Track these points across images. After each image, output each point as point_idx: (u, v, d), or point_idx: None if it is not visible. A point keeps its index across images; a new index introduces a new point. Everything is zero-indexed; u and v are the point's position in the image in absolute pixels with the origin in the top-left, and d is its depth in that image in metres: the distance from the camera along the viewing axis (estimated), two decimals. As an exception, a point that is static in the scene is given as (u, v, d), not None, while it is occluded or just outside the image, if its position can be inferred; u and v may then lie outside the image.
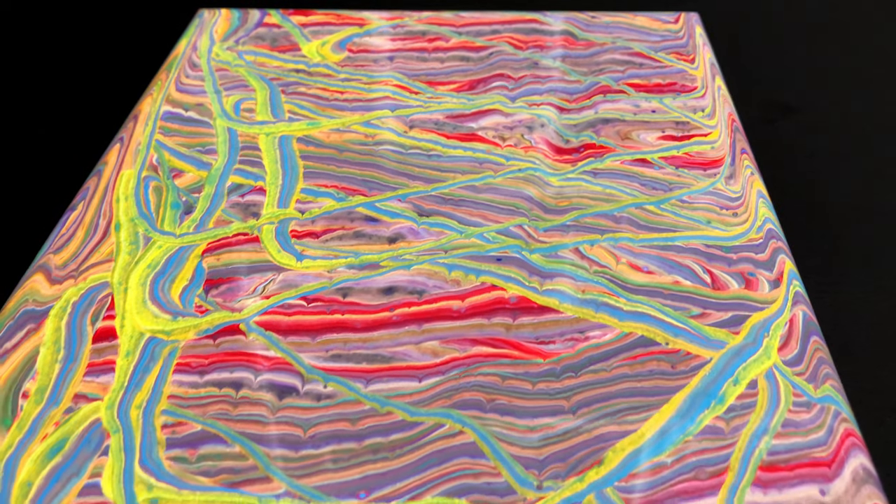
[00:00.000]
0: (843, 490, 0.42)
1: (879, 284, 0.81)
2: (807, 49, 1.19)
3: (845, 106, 1.06)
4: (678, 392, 0.47)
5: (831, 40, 1.21)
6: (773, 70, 1.10)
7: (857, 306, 0.79)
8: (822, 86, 1.11)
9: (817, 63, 1.15)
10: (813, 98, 1.05)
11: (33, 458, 0.44)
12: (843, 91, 1.09)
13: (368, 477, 0.43)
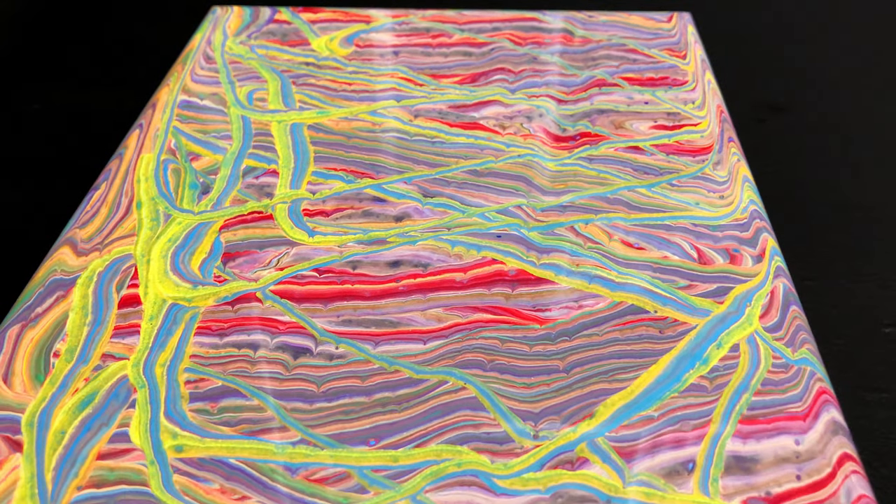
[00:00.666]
0: (816, 440, 0.45)
1: (859, 273, 0.84)
2: (797, 52, 1.23)
3: (833, 106, 1.10)
4: (665, 354, 0.50)
5: (820, 43, 1.25)
6: (764, 71, 1.14)
7: (837, 294, 0.82)
8: (811, 86, 1.15)
9: (806, 65, 1.19)
10: (802, 98, 1.09)
11: (65, 410, 0.48)
12: (830, 91, 1.13)
13: (378, 427, 0.46)
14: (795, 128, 1.06)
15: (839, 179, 0.98)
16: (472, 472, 0.44)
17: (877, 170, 1.00)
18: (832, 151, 1.03)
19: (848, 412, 0.71)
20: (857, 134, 1.05)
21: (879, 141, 1.05)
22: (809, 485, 0.43)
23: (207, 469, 0.44)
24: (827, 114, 1.08)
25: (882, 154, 1.03)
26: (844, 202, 0.94)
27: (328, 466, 0.44)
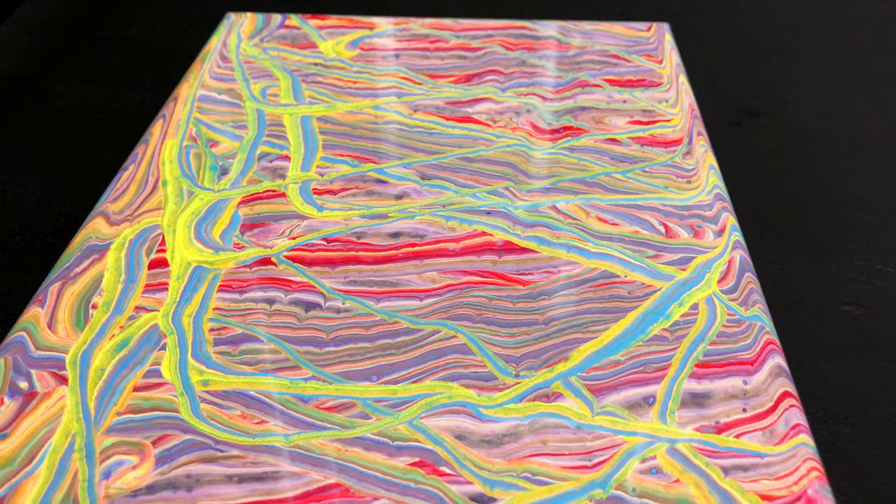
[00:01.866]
0: (761, 381, 0.52)
1: (822, 259, 0.91)
2: (771, 61, 1.31)
3: (804, 111, 1.18)
4: (633, 311, 0.57)
5: (794, 54, 1.32)
6: (741, 79, 1.21)
7: (802, 277, 0.89)
8: (784, 93, 1.23)
9: (780, 74, 1.26)
10: (776, 104, 1.16)
11: (104, 352, 0.54)
12: (802, 98, 1.21)
13: (379, 367, 0.53)
14: (769, 130, 1.14)
15: (807, 177, 1.05)
16: (461, 402, 0.51)
17: (841, 169, 1.07)
18: (802, 152, 1.10)
19: (807, 376, 0.78)
20: (824, 136, 1.13)
21: (844, 142, 1.13)
22: (753, 416, 0.50)
23: (230, 399, 0.51)
24: (798, 117, 1.16)
25: (846, 154, 1.10)
26: (811, 197, 1.01)
27: (336, 398, 0.51)
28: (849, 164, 1.06)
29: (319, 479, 0.46)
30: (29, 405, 0.51)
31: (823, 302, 0.84)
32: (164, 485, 0.46)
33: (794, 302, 0.84)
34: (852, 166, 1.06)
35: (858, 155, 1.09)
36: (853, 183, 1.04)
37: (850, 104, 1.20)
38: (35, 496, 0.46)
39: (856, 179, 1.04)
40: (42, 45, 1.30)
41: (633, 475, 0.47)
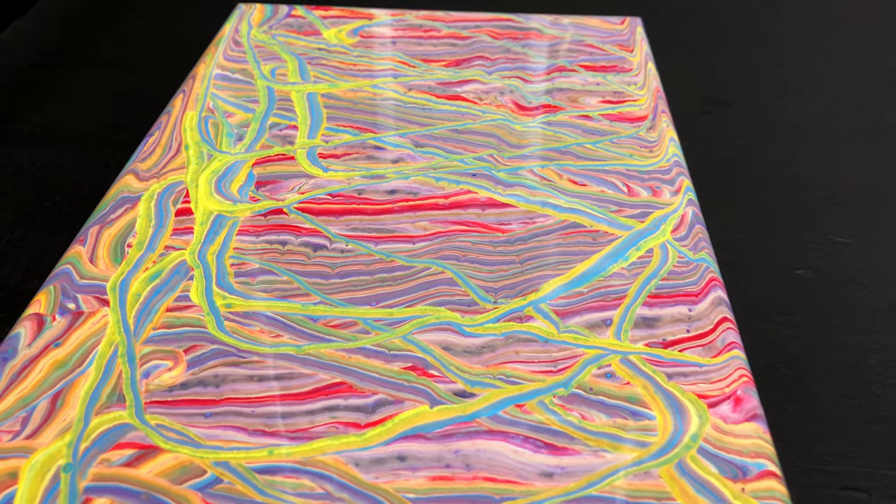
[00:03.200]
0: (704, 309, 0.61)
1: (779, 230, 1.01)
2: (739, 55, 1.41)
3: (769, 102, 1.27)
4: (596, 253, 0.66)
5: (760, 49, 1.42)
6: (711, 71, 1.31)
7: (760, 246, 0.99)
8: (751, 85, 1.33)
9: (747, 67, 1.36)
10: (742, 95, 1.26)
11: (139, 281, 0.63)
12: (767, 90, 1.30)
13: (378, 294, 0.62)
14: (736, 119, 1.23)
15: (770, 160, 1.14)
16: (448, 322, 0.59)
17: (802, 154, 1.17)
18: (766, 138, 1.20)
19: (761, 329, 0.87)
20: (788, 124, 1.22)
21: (807, 130, 1.22)
22: (695, 335, 0.59)
23: (250, 318, 0.60)
24: (764, 108, 1.25)
25: (808, 141, 1.20)
26: (773, 177, 1.10)
27: (341, 318, 0.60)
28: (810, 150, 1.16)
29: (327, 378, 0.55)
30: (77, 322, 0.59)
31: (779, 267, 0.93)
32: (195, 383, 0.55)
33: (753, 267, 0.94)
34: (813, 152, 1.16)
35: (819, 142, 1.19)
36: (813, 166, 1.13)
37: (815, 97, 1.30)
38: (87, 390, 0.54)
39: (815, 163, 1.14)
40: (60, 36, 1.39)
41: (591, 378, 0.55)
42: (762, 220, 1.00)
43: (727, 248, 0.91)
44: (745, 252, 0.95)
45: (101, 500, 0.48)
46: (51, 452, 0.50)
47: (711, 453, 0.51)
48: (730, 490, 0.49)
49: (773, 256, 0.94)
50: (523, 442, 0.51)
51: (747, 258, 0.94)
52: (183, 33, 1.41)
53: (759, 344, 0.81)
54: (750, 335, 0.82)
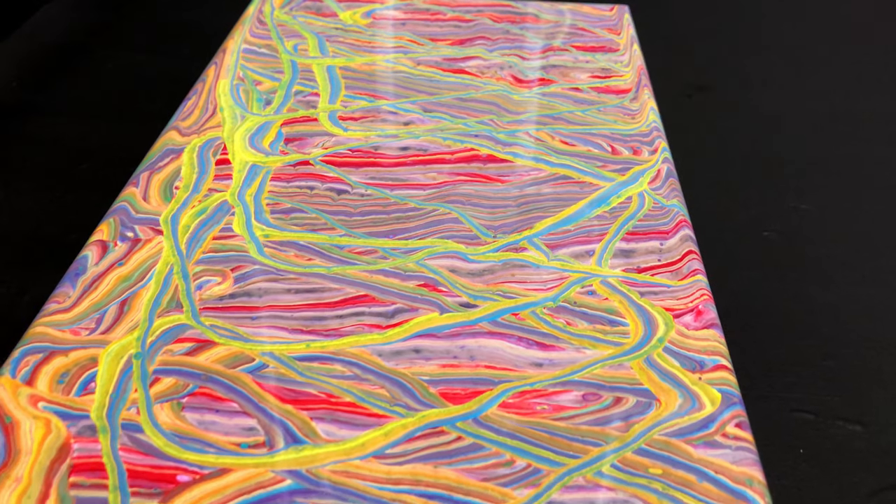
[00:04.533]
0: (674, 243, 0.71)
1: (750, 199, 1.11)
2: (719, 43, 1.51)
3: (746, 86, 1.38)
4: (582, 199, 0.76)
5: (740, 37, 1.53)
6: (693, 58, 1.42)
7: (732, 210, 1.09)
8: (729, 71, 1.43)
9: (726, 54, 1.47)
10: (721, 80, 1.37)
11: (187, 216, 0.73)
12: (745, 77, 1.41)
13: (395, 229, 0.72)
14: (714, 102, 1.34)
15: (743, 139, 1.25)
16: (454, 251, 0.69)
17: (774, 133, 1.27)
18: (741, 120, 1.30)
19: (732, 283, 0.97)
20: (763, 108, 1.33)
21: (780, 113, 1.33)
22: (665, 264, 0.69)
23: (286, 246, 0.69)
24: (741, 93, 1.36)
25: (780, 123, 1.30)
26: (745, 153, 1.21)
27: (363, 247, 0.70)
28: (781, 130, 1.26)
29: (353, 292, 0.65)
30: (136, 247, 0.69)
31: (749, 229, 1.04)
32: (241, 294, 0.65)
33: (725, 229, 1.04)
34: (784, 132, 1.26)
35: (791, 123, 1.29)
36: (783, 144, 1.24)
37: (790, 83, 1.40)
38: (149, 298, 0.64)
39: (786, 141, 1.24)
40: (88, 19, 1.49)
41: (576, 295, 0.66)
42: (734, 190, 1.10)
43: (703, 214, 1.01)
44: (717, 215, 1.05)
45: (166, 381, 0.58)
46: (123, 344, 0.60)
47: (675, 351, 0.61)
48: (689, 378, 0.59)
49: (744, 220, 1.04)
50: (518, 341, 0.61)
51: (719, 221, 1.04)
52: (205, 18, 1.51)
53: (726, 293, 0.91)
54: (719, 285, 0.92)
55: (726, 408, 0.57)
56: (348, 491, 0.51)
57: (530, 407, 0.56)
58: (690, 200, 0.78)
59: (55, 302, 0.64)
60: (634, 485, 0.52)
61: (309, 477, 0.51)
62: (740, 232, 1.03)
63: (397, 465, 0.52)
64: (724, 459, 0.53)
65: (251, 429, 0.54)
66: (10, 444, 0.53)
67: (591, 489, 0.51)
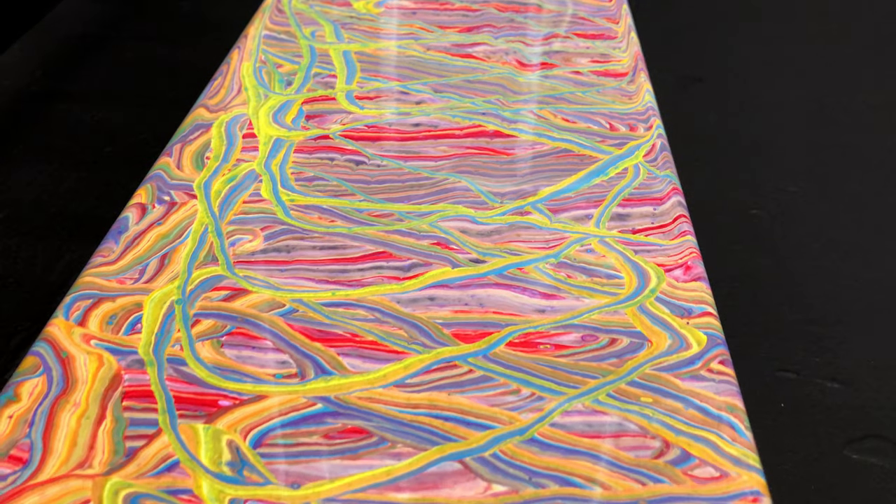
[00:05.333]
0: (666, 209, 0.77)
1: (737, 181, 1.18)
2: (714, 37, 1.58)
3: (739, 80, 1.44)
4: (582, 170, 0.82)
5: (733, 32, 1.59)
6: (688, 51, 1.48)
7: (723, 190, 1.15)
8: (722, 64, 1.49)
9: (720, 48, 1.53)
10: (715, 72, 1.43)
11: (219, 182, 0.79)
12: (738, 70, 1.47)
13: (409, 195, 0.78)
14: (708, 93, 1.40)
15: (734, 126, 1.31)
16: (463, 214, 0.76)
17: (761, 122, 1.33)
18: (732, 109, 1.36)
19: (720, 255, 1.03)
20: (752, 99, 1.39)
21: (767, 105, 1.39)
22: (658, 226, 0.75)
23: (310, 210, 0.76)
24: (733, 85, 1.42)
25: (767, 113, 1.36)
26: (735, 139, 1.27)
27: (381, 210, 0.76)
28: (766, 117, 1.33)
29: (373, 248, 0.71)
30: (172, 209, 0.75)
31: (738, 207, 1.10)
32: (271, 250, 0.71)
33: (715, 208, 1.11)
34: (771, 120, 1.32)
35: (780, 112, 1.35)
36: (771, 131, 1.31)
37: (780, 75, 1.47)
38: (187, 253, 0.70)
39: (773, 129, 1.31)
40: (107, 12, 1.55)
41: (575, 252, 0.72)
42: (725, 173, 1.17)
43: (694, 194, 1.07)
44: (708, 196, 1.12)
45: (206, 323, 0.64)
46: (165, 292, 0.66)
47: (666, 301, 0.67)
48: (677, 323, 0.65)
49: (733, 199, 1.11)
50: (522, 291, 0.68)
51: (710, 201, 1.10)
52: (219, 11, 1.57)
53: (716, 265, 0.97)
54: (711, 257, 0.98)
55: (711, 347, 0.63)
56: (373, 413, 0.57)
57: (534, 346, 0.63)
58: (683, 182, 0.84)
59: (100, 256, 0.70)
60: (628, 410, 0.58)
61: (337, 402, 0.58)
62: (730, 210, 1.09)
63: (415, 392, 0.58)
64: (707, 390, 0.59)
65: (284, 362, 0.61)
66: (67, 375, 0.59)
67: (589, 413, 0.57)
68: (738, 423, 0.57)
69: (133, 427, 0.56)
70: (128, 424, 0.56)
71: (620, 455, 0.55)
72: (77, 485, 0.52)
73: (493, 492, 0.52)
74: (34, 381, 0.59)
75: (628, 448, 0.55)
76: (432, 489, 0.52)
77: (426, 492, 0.52)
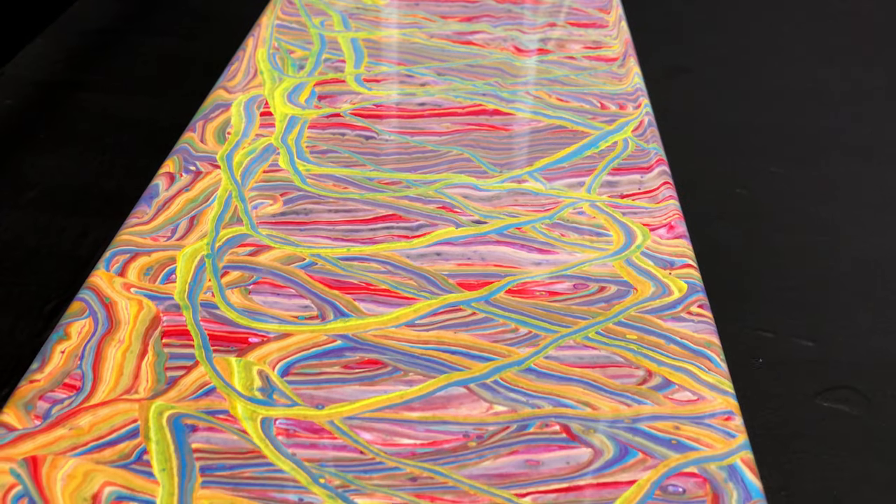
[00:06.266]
0: (652, 177, 0.84)
1: (724, 159, 1.24)
2: (700, 29, 1.65)
3: (722, 70, 1.51)
4: (574, 143, 0.89)
5: (719, 25, 1.67)
6: (675, 43, 1.55)
7: (708, 171, 1.22)
8: (709, 54, 1.56)
9: (706, 39, 1.60)
10: (701, 63, 1.50)
11: (240, 154, 0.85)
12: (721, 61, 1.54)
13: (416, 166, 0.85)
14: (693, 81, 1.47)
15: (718, 111, 1.38)
16: (466, 182, 0.82)
17: (744, 107, 1.40)
18: (716, 96, 1.43)
19: (707, 232, 1.10)
20: (735, 86, 1.46)
21: (750, 92, 1.46)
22: (644, 191, 0.82)
23: (324, 178, 0.82)
24: (717, 74, 1.49)
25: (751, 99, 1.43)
26: (719, 123, 1.34)
27: (390, 179, 0.82)
28: (752, 105, 1.40)
29: (383, 211, 0.78)
30: (198, 177, 0.82)
31: (723, 188, 1.17)
32: (290, 213, 0.78)
33: (701, 187, 1.17)
34: (755, 106, 1.39)
35: (760, 99, 1.42)
36: (753, 116, 1.38)
37: (763, 64, 1.54)
38: (213, 215, 0.77)
39: (756, 114, 1.38)
40: (123, 8, 1.62)
41: (569, 215, 0.78)
42: (711, 155, 1.24)
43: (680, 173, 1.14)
44: (694, 177, 1.18)
45: (234, 274, 0.70)
46: (195, 247, 0.73)
47: (650, 255, 0.74)
48: (661, 273, 0.72)
49: (718, 180, 1.18)
50: (520, 247, 0.74)
51: (696, 181, 1.17)
52: (229, 8, 1.64)
53: (701, 237, 1.03)
54: (695, 232, 1.05)
55: (691, 294, 0.70)
56: (387, 348, 0.63)
57: (531, 293, 0.69)
58: (670, 163, 0.91)
59: (135, 217, 0.77)
60: (615, 346, 0.64)
61: (355, 339, 0.64)
62: (715, 189, 1.16)
63: (425, 331, 0.65)
64: (687, 329, 0.66)
65: (306, 306, 0.67)
66: (111, 317, 0.66)
67: (579, 348, 0.64)
68: (714, 356, 0.64)
69: (172, 360, 0.62)
70: (168, 358, 0.62)
71: (608, 382, 0.61)
72: (125, 407, 0.59)
73: (494, 411, 0.59)
74: (81, 322, 0.65)
75: (615, 376, 0.62)
76: (441, 409, 0.59)
77: (435, 411, 0.59)
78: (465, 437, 0.57)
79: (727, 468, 0.56)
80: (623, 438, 0.57)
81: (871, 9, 1.88)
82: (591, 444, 0.57)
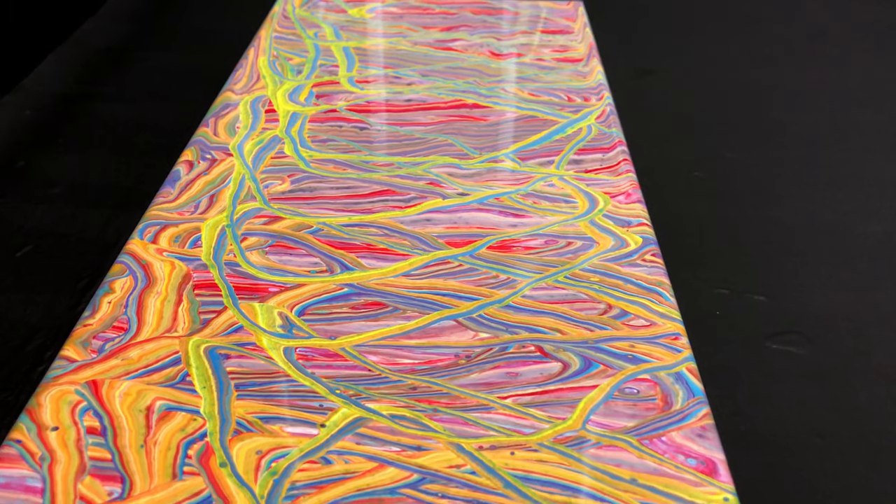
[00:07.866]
0: (612, 155, 0.96)
1: (681, 145, 1.37)
2: (665, 33, 1.79)
3: (689, 69, 1.64)
4: (544, 130, 1.01)
5: (683, 28, 1.81)
6: (642, 46, 1.68)
7: (667, 157, 1.35)
8: (674, 56, 1.70)
9: (671, 42, 1.74)
10: (666, 64, 1.63)
11: (250, 145, 0.97)
12: (682, 64, 1.68)
13: (404, 151, 0.96)
14: (657, 83, 1.60)
15: (677, 107, 1.51)
16: (451, 163, 0.94)
17: (700, 102, 1.53)
18: (675, 95, 1.56)
19: (666, 211, 1.22)
20: (694, 88, 1.59)
21: (706, 91, 1.59)
22: (605, 167, 0.94)
23: (326, 162, 0.94)
24: (678, 76, 1.62)
25: (707, 96, 1.57)
26: (677, 115, 1.47)
27: (385, 162, 0.94)
28: (708, 100, 1.53)
29: (378, 188, 0.89)
30: (214, 164, 0.93)
31: (680, 173, 1.29)
32: (297, 190, 0.89)
33: (661, 172, 1.30)
34: (710, 101, 1.52)
35: (717, 96, 1.56)
36: (708, 109, 1.51)
37: (717, 67, 1.67)
38: (230, 193, 0.88)
39: (711, 107, 1.51)
40: (128, 28, 1.74)
41: (540, 186, 0.90)
42: (667, 140, 1.36)
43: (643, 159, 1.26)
44: (653, 162, 1.31)
45: (251, 239, 0.81)
46: (216, 220, 0.84)
47: (611, 217, 0.85)
48: (620, 230, 0.83)
49: (674, 164, 1.30)
50: (499, 213, 0.86)
51: (654, 166, 1.30)
52: (228, 25, 1.76)
53: (662, 215, 1.15)
54: (656, 210, 1.17)
55: (645, 245, 0.81)
56: (387, 293, 0.74)
57: (508, 248, 0.81)
58: (632, 151, 1.03)
59: (161, 197, 0.88)
60: (580, 286, 0.76)
61: (359, 286, 0.75)
62: (674, 173, 1.28)
63: (419, 280, 0.76)
64: (642, 272, 0.78)
65: (316, 263, 0.78)
66: (148, 275, 0.76)
67: (550, 289, 0.75)
68: (664, 293, 0.75)
69: (205, 306, 0.73)
70: (200, 305, 0.73)
71: (574, 313, 0.73)
72: (167, 343, 0.69)
73: (479, 338, 0.70)
74: (123, 279, 0.76)
75: (581, 309, 0.73)
76: (434, 337, 0.70)
77: (430, 338, 0.70)
78: (455, 357, 0.68)
79: (675, 375, 0.67)
80: (587, 355, 0.69)
81: (803, 15, 2.04)
82: (560, 359, 0.68)
